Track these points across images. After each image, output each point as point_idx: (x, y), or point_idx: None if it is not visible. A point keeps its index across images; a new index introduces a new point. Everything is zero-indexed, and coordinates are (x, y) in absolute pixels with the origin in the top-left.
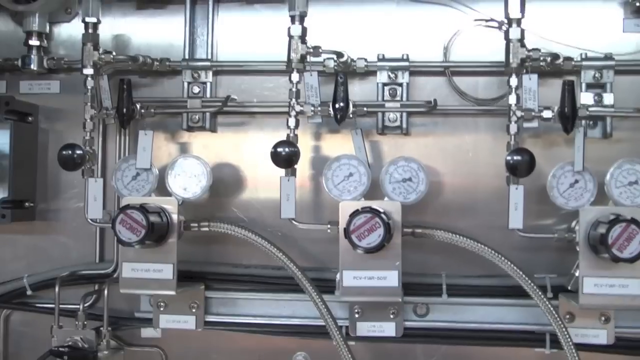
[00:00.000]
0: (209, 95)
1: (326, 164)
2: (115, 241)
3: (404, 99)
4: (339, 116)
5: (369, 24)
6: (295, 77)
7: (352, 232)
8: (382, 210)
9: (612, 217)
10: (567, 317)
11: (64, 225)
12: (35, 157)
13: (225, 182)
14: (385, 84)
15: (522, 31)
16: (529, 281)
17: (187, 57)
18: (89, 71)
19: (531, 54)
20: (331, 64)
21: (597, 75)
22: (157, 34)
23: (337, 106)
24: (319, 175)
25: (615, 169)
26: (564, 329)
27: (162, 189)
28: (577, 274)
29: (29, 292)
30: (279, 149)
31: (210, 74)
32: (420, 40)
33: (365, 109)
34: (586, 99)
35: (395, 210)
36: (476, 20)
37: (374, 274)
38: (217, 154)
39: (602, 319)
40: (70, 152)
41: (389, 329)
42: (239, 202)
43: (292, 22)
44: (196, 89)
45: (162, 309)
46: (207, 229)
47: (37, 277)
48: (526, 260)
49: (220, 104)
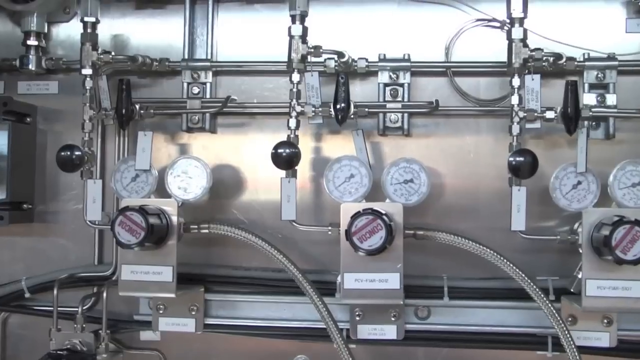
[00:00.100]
0: (208, 95)
1: (327, 165)
2: (114, 243)
3: (406, 100)
4: (340, 117)
5: (370, 24)
6: (295, 77)
7: (353, 234)
8: (383, 211)
9: (616, 218)
10: (570, 319)
11: (62, 227)
12: (33, 158)
13: (225, 184)
14: (386, 85)
15: (525, 31)
16: (532, 283)
17: (186, 57)
18: (87, 71)
19: (534, 54)
20: (332, 64)
21: (599, 75)
22: (156, 34)
23: (338, 107)
24: (319, 176)
25: (618, 171)
26: (566, 332)
27: (161, 191)
28: (579, 276)
29: (27, 295)
30: (280, 150)
31: (210, 74)
32: (421, 40)
33: (366, 110)
34: (589, 99)
35: (396, 211)
36: (478, 20)
37: (375, 276)
38: (217, 155)
39: (605, 321)
40: (69, 153)
41: (390, 331)
42: (239, 203)
43: (293, 21)
44: (196, 90)
45: (161, 312)
46: (207, 231)
47: (36, 280)
48: (528, 262)
49: (220, 104)
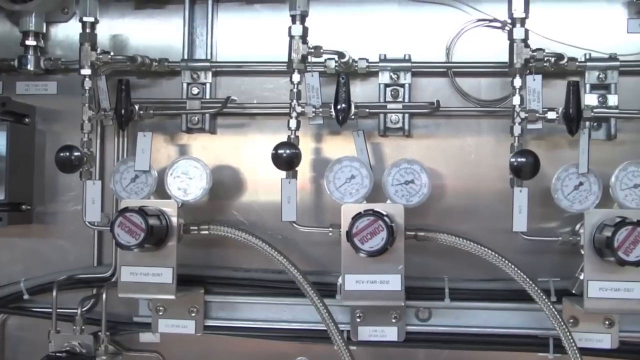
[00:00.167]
0: (208, 96)
1: (328, 166)
2: (113, 244)
3: (406, 100)
4: (340, 117)
5: (371, 24)
6: (296, 77)
7: (354, 235)
8: (385, 213)
9: (618, 220)
10: (571, 321)
11: (61, 228)
12: (32, 159)
13: (225, 185)
14: (387, 85)
15: (526, 31)
16: (533, 285)
17: (186, 57)
18: (86, 72)
19: (535, 54)
20: (332, 64)
21: (601, 76)
22: (156, 34)
23: (339, 107)
24: (319, 177)
25: (620, 171)
26: (568, 333)
27: (161, 192)
28: (581, 277)
29: (26, 297)
30: (280, 151)
31: (209, 74)
32: (422, 40)
33: (367, 110)
34: (590, 100)
35: (397, 212)
36: (479, 20)
37: (376, 277)
38: (216, 156)
39: (607, 323)
40: (67, 154)
41: (391, 333)
42: (239, 204)
43: (293, 21)
44: (195, 90)
45: (161, 314)
46: (206, 232)
47: (34, 281)
48: (529, 263)
49: (220, 105)
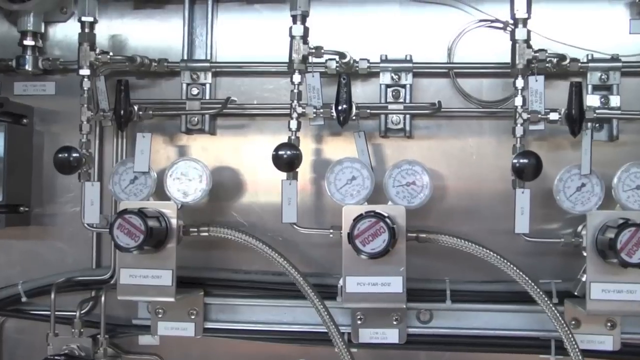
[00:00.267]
0: (208, 96)
1: (329, 167)
2: (112, 246)
3: (407, 101)
4: (342, 118)
5: (372, 25)
6: (296, 78)
7: (356, 237)
8: (386, 214)
9: (621, 221)
10: (573, 323)
11: (59, 230)
12: (30, 160)
13: (225, 186)
14: (388, 86)
15: (529, 32)
16: (535, 287)
17: (185, 57)
18: (85, 72)
19: (538, 55)
20: (333, 65)
21: (603, 77)
22: (155, 34)
23: (340, 108)
24: (320, 178)
25: (622, 173)
26: (570, 335)
27: (160, 193)
28: (583, 279)
29: (24, 299)
30: (281, 152)
31: (209, 75)
32: (423, 41)
33: (368, 111)
34: (592, 101)
35: (399, 214)
36: (481, 20)
37: (377, 279)
38: (216, 157)
39: (608, 324)
40: (66, 155)
41: (392, 335)
42: (239, 206)
43: (294, 21)
44: (195, 91)
45: (160, 316)
46: (206, 234)
47: (33, 284)
48: (530, 265)
49: (219, 105)
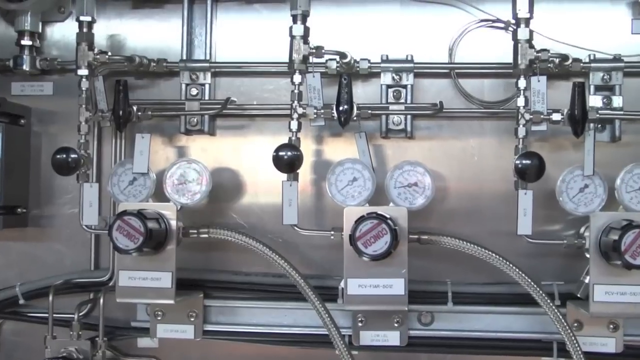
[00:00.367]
0: (207, 97)
1: (330, 168)
2: (111, 248)
3: (409, 102)
4: (343, 119)
5: (373, 25)
6: (297, 78)
7: (357, 239)
8: (388, 216)
9: (625, 223)
10: (576, 325)
11: (57, 231)
12: (27, 161)
13: (224, 187)
14: (389, 86)
15: (531, 32)
16: (537, 288)
17: (184, 58)
18: (83, 72)
19: (540, 55)
20: (334, 65)
21: (605, 77)
22: (154, 34)
23: (341, 108)
24: (320, 179)
25: (625, 174)
26: (573, 337)
27: (159, 195)
28: (586, 281)
29: (22, 301)
30: (282, 153)
31: (208, 75)
32: (424, 41)
33: (369, 112)
34: (595, 101)
35: (401, 216)
36: (482, 20)
37: (379, 282)
38: (216, 158)
39: (611, 327)
40: (64, 156)
41: (393, 338)
42: (239, 207)
43: (294, 21)
44: (194, 91)
45: (159, 318)
46: (206, 236)
47: (30, 286)
48: (532, 266)
49: (219, 106)
